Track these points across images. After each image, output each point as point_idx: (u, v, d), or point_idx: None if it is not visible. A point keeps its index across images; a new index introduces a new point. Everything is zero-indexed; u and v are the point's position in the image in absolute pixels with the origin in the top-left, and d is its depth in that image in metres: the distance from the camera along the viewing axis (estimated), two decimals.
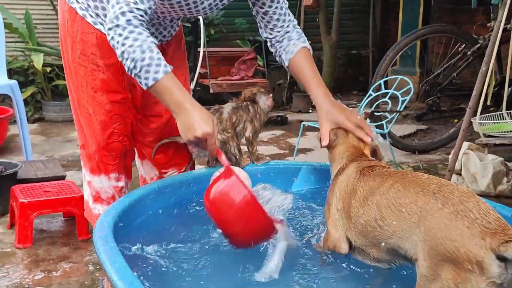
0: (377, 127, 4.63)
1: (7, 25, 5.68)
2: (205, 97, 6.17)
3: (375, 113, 4.52)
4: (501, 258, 1.36)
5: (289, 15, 2.24)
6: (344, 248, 1.79)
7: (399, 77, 4.68)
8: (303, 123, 4.49)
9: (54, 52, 6.21)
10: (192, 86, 6.15)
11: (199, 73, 6.12)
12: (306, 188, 2.38)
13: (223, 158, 1.87)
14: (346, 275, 1.78)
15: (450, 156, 3.71)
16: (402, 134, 5.28)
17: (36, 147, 4.94)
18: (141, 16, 1.88)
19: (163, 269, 1.83)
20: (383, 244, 1.63)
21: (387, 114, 4.58)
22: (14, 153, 4.80)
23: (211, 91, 6.08)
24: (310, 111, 6.87)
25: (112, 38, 1.85)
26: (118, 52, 1.86)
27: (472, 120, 3.74)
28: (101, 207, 2.25)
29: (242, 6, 2.85)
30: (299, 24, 8.39)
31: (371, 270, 1.76)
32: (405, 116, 5.56)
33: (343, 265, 1.81)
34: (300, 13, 7.69)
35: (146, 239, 1.98)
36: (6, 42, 4.57)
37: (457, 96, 6.03)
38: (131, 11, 1.85)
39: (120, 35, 1.83)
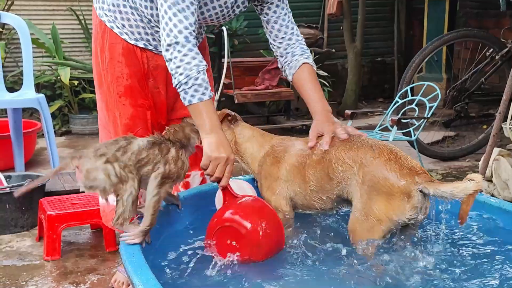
0: (404, 134, 4.57)
1: (34, 40, 5.77)
2: (230, 108, 6.10)
3: (402, 120, 4.46)
4: (421, 191, 1.88)
5: (292, 28, 2.35)
6: (288, 212, 2.18)
7: (426, 83, 4.62)
8: None
9: (80, 66, 6.28)
10: (217, 96, 6.15)
11: (224, 83, 6.13)
12: None
13: (230, 187, 2.04)
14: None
15: (480, 163, 3.64)
16: (430, 141, 5.20)
17: (64, 160, 4.99)
18: (194, 31, 2.04)
19: (190, 280, 1.82)
20: (330, 194, 2.06)
21: (414, 121, 4.52)
22: (42, 166, 4.85)
23: (236, 101, 6.08)
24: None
25: (171, 53, 2.02)
26: (173, 66, 2.02)
27: (502, 126, 3.67)
28: None
29: None
30: (323, 32, 8.29)
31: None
32: (432, 123, 5.48)
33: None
34: (324, 21, 7.66)
35: (172, 250, 1.97)
36: (34, 57, 4.64)
37: (485, 102, 5.92)
38: (186, 28, 2.02)
39: (180, 51, 2.01)
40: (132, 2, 2.26)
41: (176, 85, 2.03)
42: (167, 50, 2.03)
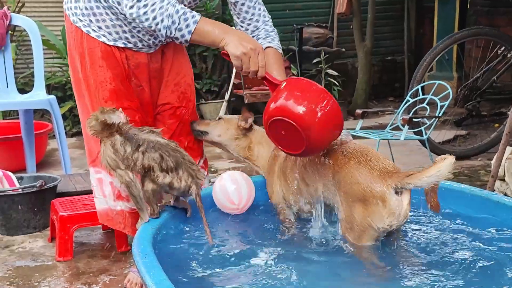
0: (415, 133, 4.55)
1: (45, 42, 5.80)
2: (240, 108, 6.15)
3: (413, 119, 4.43)
4: (397, 192, 1.81)
5: (259, 9, 2.39)
6: (291, 219, 2.21)
7: (437, 82, 4.59)
8: None
9: None
10: (227, 97, 6.16)
11: (233, 83, 6.13)
12: None
13: (269, 75, 2.06)
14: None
15: (492, 162, 3.61)
16: (441, 140, 5.17)
17: (75, 161, 5.01)
18: None
19: (203, 280, 1.82)
20: (313, 199, 2.05)
21: (425, 120, 4.50)
22: (53, 167, 4.87)
23: (246, 101, 6.08)
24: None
25: (138, 14, 2.04)
26: (149, 22, 2.04)
27: None
28: (122, 204, 2.39)
29: (276, 16, 2.86)
30: (332, 31, 8.24)
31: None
32: (443, 122, 5.46)
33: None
34: (334, 20, 7.65)
35: (183, 251, 1.97)
36: (44, 58, 4.66)
37: (497, 100, 5.88)
38: None
39: (146, 5, 2.03)
40: (104, 1, 2.22)
41: (166, 33, 2.05)
42: (131, 14, 2.06)
